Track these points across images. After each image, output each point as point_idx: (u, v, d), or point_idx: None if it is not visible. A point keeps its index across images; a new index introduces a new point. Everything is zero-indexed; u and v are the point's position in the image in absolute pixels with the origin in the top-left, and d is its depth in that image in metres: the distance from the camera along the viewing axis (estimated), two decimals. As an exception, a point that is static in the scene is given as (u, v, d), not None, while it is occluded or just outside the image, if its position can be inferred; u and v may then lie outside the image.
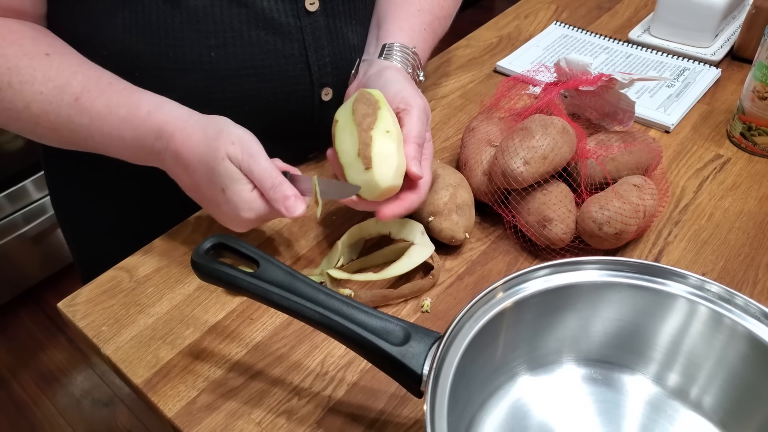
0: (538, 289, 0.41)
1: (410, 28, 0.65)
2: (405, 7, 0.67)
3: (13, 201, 1.49)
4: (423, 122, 0.56)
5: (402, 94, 0.57)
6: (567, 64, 0.64)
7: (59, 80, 0.54)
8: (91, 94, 0.55)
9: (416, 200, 0.55)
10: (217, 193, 0.53)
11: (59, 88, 0.54)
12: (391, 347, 0.40)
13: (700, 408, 0.43)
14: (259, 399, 0.50)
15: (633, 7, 1.01)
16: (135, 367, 0.52)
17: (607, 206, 0.56)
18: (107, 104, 0.55)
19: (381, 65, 0.61)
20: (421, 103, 0.57)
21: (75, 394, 1.51)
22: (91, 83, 0.55)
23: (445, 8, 0.71)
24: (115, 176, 0.68)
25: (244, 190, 0.52)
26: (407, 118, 0.55)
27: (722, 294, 0.41)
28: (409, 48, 0.64)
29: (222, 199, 0.53)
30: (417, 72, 0.65)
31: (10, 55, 0.54)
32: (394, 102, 0.56)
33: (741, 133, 0.72)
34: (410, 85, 0.59)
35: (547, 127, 0.59)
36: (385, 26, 0.66)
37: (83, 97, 0.54)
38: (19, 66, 0.54)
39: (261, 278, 0.43)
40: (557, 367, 0.46)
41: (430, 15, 0.68)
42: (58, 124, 0.55)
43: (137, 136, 0.55)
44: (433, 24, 0.69)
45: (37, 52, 0.55)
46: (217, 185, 0.52)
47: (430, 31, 0.68)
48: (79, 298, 0.58)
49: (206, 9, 0.58)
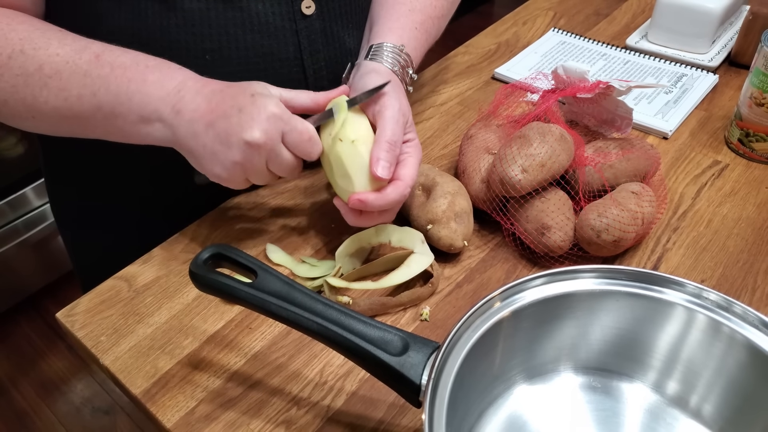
0: (534, 298, 0.41)
1: (400, 27, 0.65)
2: (396, 8, 0.67)
3: (14, 208, 1.49)
4: (396, 122, 0.56)
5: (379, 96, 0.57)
6: (564, 71, 0.64)
7: (77, 45, 0.54)
8: (114, 52, 0.55)
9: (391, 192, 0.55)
10: (241, 100, 0.52)
11: (78, 49, 0.54)
12: (389, 357, 0.40)
13: (699, 416, 0.43)
14: (258, 409, 0.50)
15: (630, 14, 1.01)
16: (134, 378, 0.52)
17: (606, 214, 0.57)
18: (133, 59, 0.55)
19: (366, 68, 0.61)
20: (395, 104, 0.56)
21: (75, 402, 1.50)
22: (113, 47, 0.55)
23: (439, 8, 0.70)
24: (116, 180, 0.68)
25: (271, 103, 0.53)
26: (380, 120, 0.56)
27: (720, 302, 0.41)
28: (398, 46, 0.63)
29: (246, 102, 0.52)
30: (407, 70, 0.64)
31: (21, 30, 0.54)
32: (370, 104, 0.57)
33: (739, 139, 0.72)
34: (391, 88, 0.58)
35: (544, 135, 0.59)
36: (375, 28, 0.66)
37: (105, 54, 0.54)
38: (32, 36, 0.54)
39: (259, 288, 0.43)
40: (555, 375, 0.45)
41: (422, 14, 0.68)
42: (70, 83, 0.54)
43: (161, 78, 0.54)
44: (425, 23, 0.68)
45: (50, 27, 0.55)
46: (247, 92, 0.53)
47: (423, 30, 0.68)
48: (77, 308, 0.58)
49: (202, 13, 0.58)
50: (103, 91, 0.54)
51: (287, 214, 0.67)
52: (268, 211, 0.67)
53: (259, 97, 0.52)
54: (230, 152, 0.52)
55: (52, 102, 0.55)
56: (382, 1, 0.68)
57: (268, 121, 0.52)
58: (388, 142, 0.55)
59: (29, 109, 0.55)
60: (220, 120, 0.52)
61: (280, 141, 0.53)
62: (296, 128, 0.53)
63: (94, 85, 0.54)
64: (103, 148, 0.60)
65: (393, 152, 0.55)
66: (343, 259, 0.59)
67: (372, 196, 0.54)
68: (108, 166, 0.58)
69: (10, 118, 0.57)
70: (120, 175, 0.60)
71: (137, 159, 0.64)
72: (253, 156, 0.52)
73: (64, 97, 0.54)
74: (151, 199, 0.67)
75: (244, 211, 0.67)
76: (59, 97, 0.54)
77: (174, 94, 0.54)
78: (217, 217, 0.66)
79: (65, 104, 0.55)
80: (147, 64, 0.55)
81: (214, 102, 0.53)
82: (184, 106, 0.53)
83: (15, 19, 0.55)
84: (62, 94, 0.54)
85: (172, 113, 0.54)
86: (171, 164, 0.59)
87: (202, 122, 0.53)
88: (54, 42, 0.54)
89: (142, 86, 0.54)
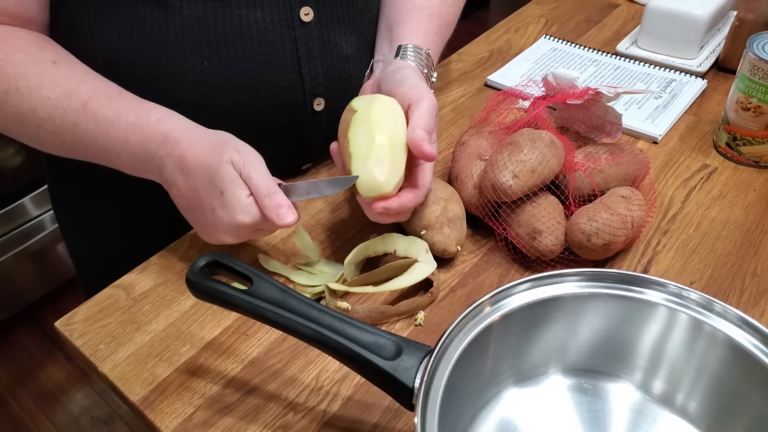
0: (523, 302, 0.42)
1: (423, 31, 0.68)
2: (416, 12, 0.70)
3: (12, 218, 1.50)
4: (432, 115, 0.57)
5: (416, 89, 0.58)
6: (554, 78, 0.66)
7: (67, 87, 0.56)
8: (100, 100, 0.56)
9: (412, 199, 0.56)
10: (215, 197, 0.54)
11: (67, 94, 0.56)
12: (382, 361, 0.40)
13: (686, 414, 0.44)
14: (255, 415, 0.50)
15: (621, 20, 1.02)
16: (132, 385, 0.53)
17: (596, 218, 0.58)
18: (116, 110, 0.56)
19: (398, 64, 0.63)
20: (432, 99, 0.58)
21: (74, 411, 1.50)
22: (99, 91, 0.57)
23: (451, 14, 0.74)
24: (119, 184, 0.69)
25: (242, 195, 0.54)
26: (418, 109, 0.56)
27: (701, 301, 0.42)
28: (423, 50, 0.66)
29: (219, 202, 0.54)
30: (430, 72, 0.67)
31: (17, 61, 0.55)
32: (408, 95, 0.58)
33: (727, 143, 0.74)
34: (424, 84, 0.60)
35: (535, 141, 0.60)
36: (398, 29, 0.68)
37: (91, 103, 0.56)
38: (27, 72, 0.55)
39: (254, 295, 0.44)
40: (545, 378, 0.46)
41: (440, 20, 0.71)
42: (63, 129, 0.56)
43: (143, 140, 0.56)
44: (442, 29, 0.72)
45: (45, 59, 0.56)
46: (217, 188, 0.54)
47: (440, 35, 0.71)
48: (76, 316, 0.59)
49: (200, 20, 0.59)
50: (94, 146, 0.57)
51: (283, 222, 0.68)
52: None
53: (228, 197, 0.54)
54: (212, 235, 0.57)
55: (51, 141, 0.58)
56: (401, 5, 0.70)
57: (237, 229, 0.55)
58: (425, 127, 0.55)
59: (32, 140, 0.59)
60: (196, 210, 0.57)
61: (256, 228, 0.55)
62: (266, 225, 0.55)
63: (85, 137, 0.57)
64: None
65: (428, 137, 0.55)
66: (349, 267, 0.59)
67: (395, 203, 0.55)
68: (113, 174, 0.59)
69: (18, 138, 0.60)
70: (123, 177, 0.61)
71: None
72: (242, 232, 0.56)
73: (61, 140, 0.58)
74: (154, 203, 0.68)
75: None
76: (56, 139, 0.58)
77: (157, 160, 0.56)
78: (213, 226, 0.67)
79: (63, 144, 0.58)
80: (128, 119, 0.56)
81: (190, 185, 0.55)
82: (168, 176, 0.57)
83: (13, 45, 0.56)
84: (58, 138, 0.58)
85: (159, 177, 0.58)
86: None
87: (183, 201, 0.57)
88: (46, 81, 0.55)
89: (127, 147, 0.57)
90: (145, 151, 0.56)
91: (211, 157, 0.54)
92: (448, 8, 0.73)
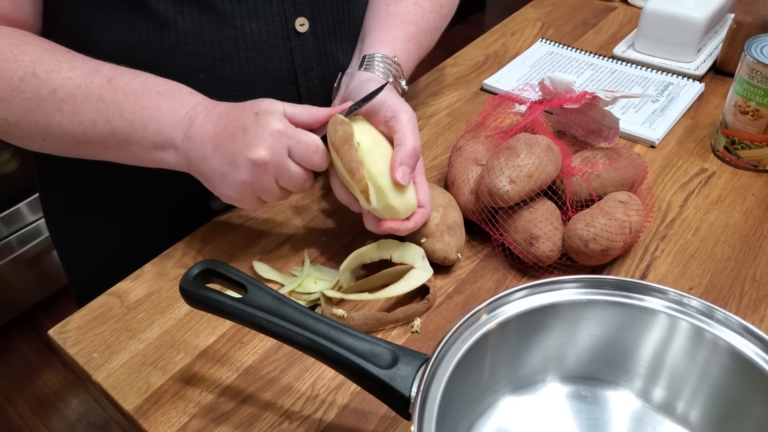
0: (519, 310, 0.42)
1: (392, 39, 0.66)
2: (388, 19, 0.68)
3: (8, 224, 1.49)
4: (414, 127, 0.57)
5: (388, 102, 0.58)
6: (551, 82, 0.65)
7: (87, 67, 0.55)
8: (125, 76, 0.56)
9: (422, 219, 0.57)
10: (247, 117, 0.53)
11: (89, 72, 0.55)
12: (378, 370, 0.40)
13: (686, 422, 0.44)
14: (250, 423, 0.50)
15: (617, 24, 1.02)
16: (126, 394, 0.52)
17: (593, 223, 0.57)
18: (145, 84, 0.56)
19: (362, 77, 0.62)
20: (408, 109, 0.58)
21: (70, 418, 1.49)
22: (122, 69, 0.56)
23: (431, 21, 0.71)
24: (111, 189, 0.68)
25: (275, 120, 0.53)
26: (398, 124, 0.56)
27: (702, 308, 0.42)
28: (390, 57, 0.64)
29: (250, 122, 0.53)
30: (399, 81, 0.66)
31: (30, 51, 0.55)
32: (381, 112, 0.57)
33: (725, 146, 0.73)
34: (393, 94, 0.59)
35: (531, 146, 0.59)
36: (368, 39, 0.67)
37: (116, 79, 0.55)
38: (43, 59, 0.54)
39: (249, 303, 0.43)
40: (543, 385, 0.46)
41: (414, 26, 0.69)
42: (84, 107, 0.55)
43: (173, 106, 0.55)
44: (417, 35, 0.69)
45: (58, 49, 0.56)
46: (251, 111, 0.53)
47: (415, 42, 0.69)
48: (70, 324, 0.58)
49: (195, 32, 0.59)
50: (117, 118, 0.55)
51: (278, 228, 0.67)
52: (259, 226, 0.68)
53: (263, 115, 0.53)
54: (238, 172, 0.53)
55: (66, 126, 0.55)
56: (375, 13, 0.69)
57: (272, 137, 0.52)
58: (413, 148, 0.56)
59: (41, 131, 0.56)
60: (226, 142, 0.53)
61: (287, 156, 0.53)
62: (302, 141, 0.54)
63: (108, 111, 0.55)
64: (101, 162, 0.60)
65: (415, 158, 0.56)
66: (345, 274, 0.59)
67: (403, 225, 0.56)
68: (105, 177, 0.58)
69: (19, 139, 0.58)
70: (118, 184, 0.60)
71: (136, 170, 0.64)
72: (261, 174, 0.53)
73: (78, 122, 0.55)
74: (149, 210, 0.68)
75: (235, 226, 0.68)
76: (73, 122, 0.55)
77: (186, 121, 0.55)
78: (207, 233, 0.67)
79: (79, 128, 0.56)
80: (159, 90, 0.55)
81: (221, 125, 0.54)
82: (194, 132, 0.54)
83: (22, 39, 0.55)
84: (76, 119, 0.55)
85: (184, 140, 0.55)
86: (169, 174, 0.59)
87: (210, 145, 0.54)
88: (65, 64, 0.54)
89: (156, 114, 0.55)
90: (176, 113, 0.55)
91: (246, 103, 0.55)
92: (426, 14, 0.70)
